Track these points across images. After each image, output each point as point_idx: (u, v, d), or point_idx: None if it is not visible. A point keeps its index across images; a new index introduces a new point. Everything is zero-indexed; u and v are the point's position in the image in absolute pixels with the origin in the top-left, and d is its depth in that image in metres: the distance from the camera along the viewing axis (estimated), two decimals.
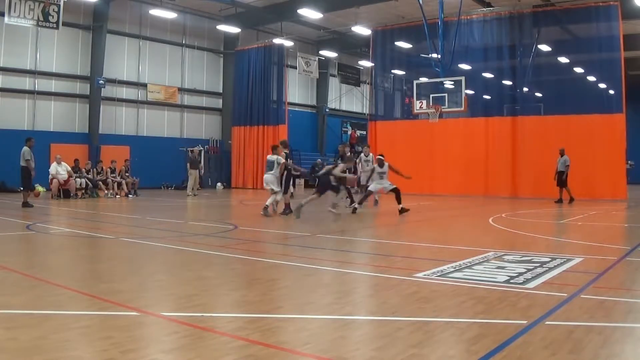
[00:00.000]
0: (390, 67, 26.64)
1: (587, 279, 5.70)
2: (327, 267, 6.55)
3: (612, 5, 18.96)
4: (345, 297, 5.16)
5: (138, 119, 25.84)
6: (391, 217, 13.16)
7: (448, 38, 20.69)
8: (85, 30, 23.59)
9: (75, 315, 4.23)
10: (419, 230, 11.46)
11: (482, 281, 5.51)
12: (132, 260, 7.11)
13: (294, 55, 28.23)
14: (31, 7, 17.95)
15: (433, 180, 21.95)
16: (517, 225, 11.89)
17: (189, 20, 26.80)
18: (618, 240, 9.89)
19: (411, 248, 8.56)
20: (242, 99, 28.36)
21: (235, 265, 6.79)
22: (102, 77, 23.25)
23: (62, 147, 21.18)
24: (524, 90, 22.27)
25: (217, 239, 8.96)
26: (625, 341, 3.82)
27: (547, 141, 19.59)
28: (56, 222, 12.16)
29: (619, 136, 19.07)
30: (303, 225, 11.03)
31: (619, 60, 19.07)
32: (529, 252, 7.45)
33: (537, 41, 21.50)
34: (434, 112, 20.23)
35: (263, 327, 3.98)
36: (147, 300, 4.85)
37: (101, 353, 3.35)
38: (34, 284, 5.36)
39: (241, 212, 15.91)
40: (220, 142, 29.19)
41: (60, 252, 7.84)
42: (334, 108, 35.22)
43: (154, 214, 13.72)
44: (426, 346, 3.58)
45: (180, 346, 3.57)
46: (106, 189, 19.29)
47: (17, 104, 21.86)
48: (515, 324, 4.06)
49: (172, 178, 25.82)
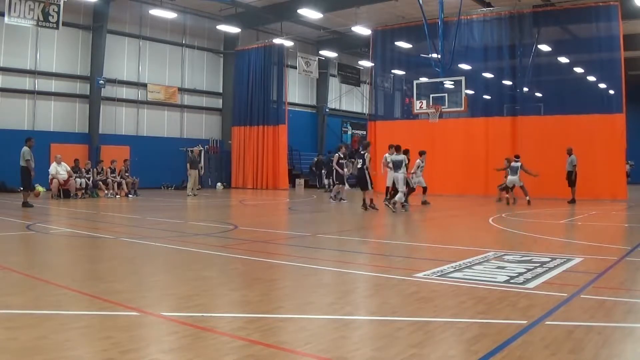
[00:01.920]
0: (390, 67, 26.61)
1: (587, 279, 5.70)
2: (327, 267, 6.55)
3: (612, 5, 18.95)
4: (345, 297, 5.16)
5: (138, 119, 25.84)
6: (391, 217, 13.15)
7: (448, 38, 20.67)
8: (85, 30, 23.58)
9: (75, 315, 4.23)
10: (419, 230, 11.46)
11: (482, 281, 5.51)
12: (132, 260, 7.11)
13: (294, 55, 28.23)
14: (31, 7, 17.95)
15: (433, 180, 21.90)
16: (517, 225, 11.89)
17: (189, 20, 26.79)
18: (618, 240, 9.89)
19: (411, 248, 8.57)
20: (242, 99, 28.36)
21: (235, 265, 6.79)
22: (102, 77, 23.25)
23: (62, 147, 21.17)
24: (524, 90, 22.25)
25: (217, 239, 8.97)
26: (625, 341, 3.82)
27: (547, 141, 19.58)
28: (56, 222, 12.16)
29: (619, 136, 19.06)
30: (303, 225, 11.03)
31: (619, 60, 19.05)
32: (529, 252, 7.45)
33: (537, 41, 21.48)
34: (434, 112, 20.22)
35: (263, 327, 3.98)
36: (147, 300, 4.85)
37: (101, 353, 3.35)
38: (34, 284, 5.36)
39: (241, 212, 15.90)
40: (220, 142, 29.19)
41: (60, 252, 7.84)
42: (334, 108, 35.22)
43: (154, 214, 13.71)
44: (426, 346, 3.58)
45: (180, 346, 3.57)
46: (106, 189, 19.29)
47: (17, 104, 21.85)
48: (515, 324, 4.06)
49: (172, 178, 25.82)
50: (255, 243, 8.72)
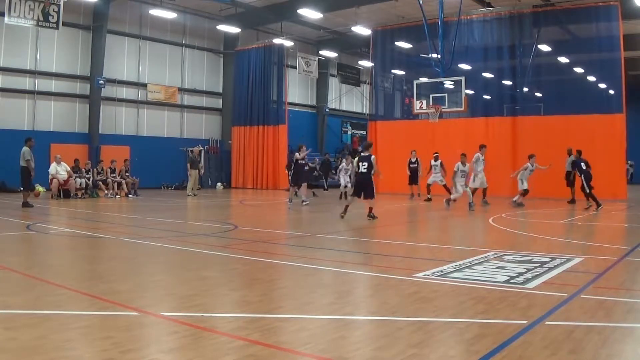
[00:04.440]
0: (390, 67, 26.61)
1: (587, 279, 5.70)
2: (327, 267, 6.55)
3: (612, 5, 18.94)
4: (345, 297, 5.16)
5: (138, 119, 25.83)
6: (391, 217, 13.15)
7: (448, 38, 20.66)
8: (85, 30, 23.58)
9: (75, 315, 4.23)
10: (419, 230, 11.46)
11: (482, 281, 5.51)
12: (132, 260, 7.11)
13: (294, 55, 28.22)
14: (31, 7, 17.95)
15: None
16: (517, 225, 11.89)
17: (189, 20, 26.78)
18: (618, 240, 9.89)
19: (411, 248, 8.56)
20: (242, 99, 28.36)
21: (235, 265, 6.79)
22: (102, 77, 23.24)
23: (62, 147, 21.16)
24: (524, 90, 22.25)
25: (217, 239, 8.97)
26: (625, 341, 3.82)
27: (548, 141, 19.56)
28: (56, 222, 12.16)
29: (619, 136, 19.04)
30: (303, 225, 11.03)
31: (619, 60, 19.05)
32: (529, 252, 7.45)
33: (537, 41, 21.48)
34: (434, 112, 20.22)
35: (263, 327, 3.98)
36: (147, 300, 4.85)
37: (101, 353, 3.35)
38: (34, 284, 5.36)
39: (241, 212, 15.90)
40: (220, 142, 29.19)
41: (60, 252, 7.84)
42: (334, 108, 35.22)
43: (154, 214, 13.71)
44: (426, 346, 3.58)
45: (180, 346, 3.57)
46: (106, 189, 19.29)
47: (17, 104, 21.85)
48: (515, 324, 4.06)
49: (172, 178, 25.82)
50: (255, 243, 8.72)
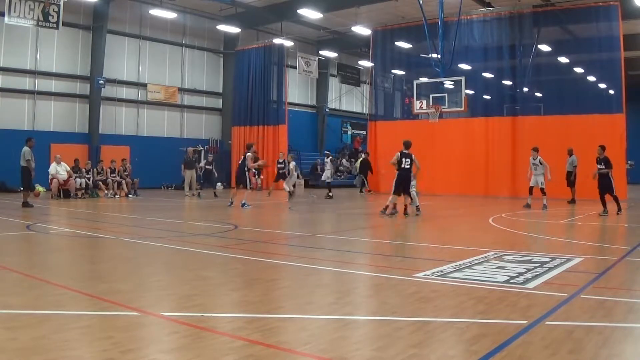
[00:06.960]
0: (390, 67, 26.63)
1: (587, 279, 5.70)
2: (327, 267, 6.55)
3: (612, 5, 18.95)
4: (345, 297, 5.16)
5: (138, 119, 25.84)
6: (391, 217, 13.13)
7: (448, 38, 20.67)
8: (85, 30, 23.58)
9: (75, 315, 4.23)
10: (419, 230, 11.46)
11: (482, 281, 5.51)
12: (132, 260, 7.11)
13: (294, 55, 28.22)
14: (31, 7, 17.95)
15: (433, 180, 21.92)
16: (517, 225, 11.89)
17: (189, 20, 26.79)
18: (618, 240, 9.89)
19: (411, 248, 8.57)
20: (242, 99, 28.35)
21: (235, 265, 6.79)
22: (102, 77, 23.25)
23: (62, 147, 21.17)
24: (524, 90, 22.27)
25: (217, 239, 8.96)
26: (625, 341, 3.82)
27: (547, 141, 19.54)
28: (56, 222, 12.16)
29: (619, 136, 19.04)
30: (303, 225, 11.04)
31: (619, 60, 19.06)
32: (529, 252, 7.45)
33: (537, 41, 21.49)
34: (434, 112, 20.23)
35: (263, 327, 3.98)
36: (147, 300, 4.85)
37: (101, 353, 3.35)
38: (34, 284, 5.36)
39: (241, 212, 15.88)
40: (220, 142, 29.18)
41: (60, 252, 7.83)
42: (334, 108, 35.22)
43: (154, 214, 13.71)
44: (426, 346, 3.58)
45: (180, 346, 3.57)
46: (106, 189, 19.29)
47: (17, 104, 21.85)
48: (515, 324, 4.06)
49: (172, 178, 25.76)
50: (255, 243, 8.72)
